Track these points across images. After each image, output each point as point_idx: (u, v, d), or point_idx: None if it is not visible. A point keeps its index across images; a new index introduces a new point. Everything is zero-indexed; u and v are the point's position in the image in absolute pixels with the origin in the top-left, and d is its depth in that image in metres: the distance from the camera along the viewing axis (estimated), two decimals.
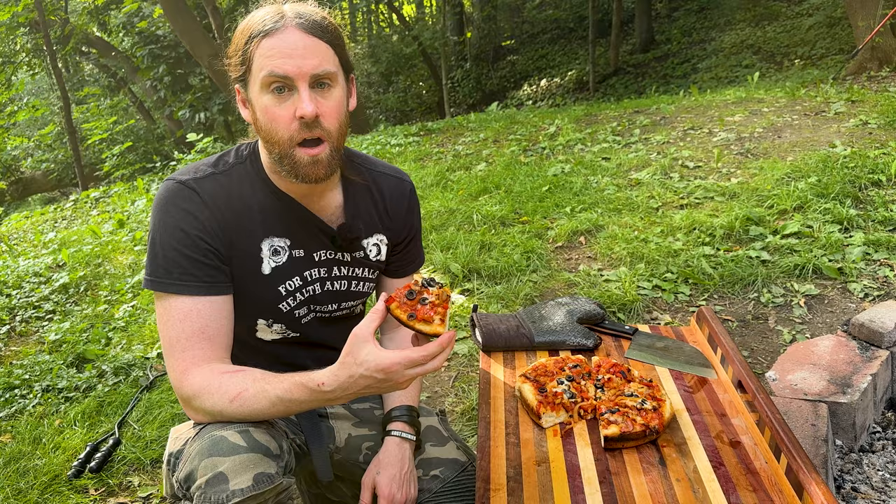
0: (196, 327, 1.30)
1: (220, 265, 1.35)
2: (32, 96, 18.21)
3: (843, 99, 6.14)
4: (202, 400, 1.27)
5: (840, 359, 2.33)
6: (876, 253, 3.36)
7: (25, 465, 2.54)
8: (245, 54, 1.29)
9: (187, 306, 1.30)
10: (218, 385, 1.27)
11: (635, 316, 3.12)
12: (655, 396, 1.49)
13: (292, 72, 1.25)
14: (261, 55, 1.27)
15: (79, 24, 12.97)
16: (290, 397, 1.23)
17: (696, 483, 1.30)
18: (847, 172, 4.19)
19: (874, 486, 2.01)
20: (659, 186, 4.68)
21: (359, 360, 1.15)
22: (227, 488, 1.18)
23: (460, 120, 8.82)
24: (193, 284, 1.31)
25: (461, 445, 1.57)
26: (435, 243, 4.12)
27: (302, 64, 1.25)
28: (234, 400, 1.25)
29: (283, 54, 1.25)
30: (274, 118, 1.28)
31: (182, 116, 12.95)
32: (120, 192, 8.36)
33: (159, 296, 1.32)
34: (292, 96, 1.27)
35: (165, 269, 1.31)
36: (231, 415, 1.26)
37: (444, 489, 1.49)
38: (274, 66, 1.25)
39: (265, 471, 1.21)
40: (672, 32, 15.16)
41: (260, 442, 1.25)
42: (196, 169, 1.39)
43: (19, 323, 4.13)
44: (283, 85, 1.27)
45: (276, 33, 1.26)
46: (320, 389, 1.20)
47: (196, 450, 1.25)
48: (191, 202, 1.33)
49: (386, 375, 1.15)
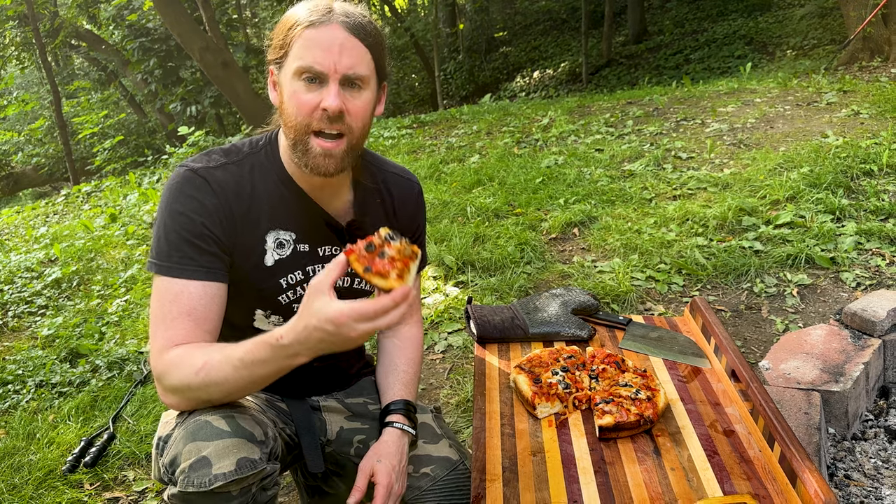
0: (184, 309, 1.31)
1: (221, 253, 1.36)
2: (22, 90, 18.06)
3: (835, 89, 6.16)
4: (171, 375, 1.27)
5: (833, 348, 2.35)
6: (868, 242, 3.37)
7: (20, 461, 2.53)
8: (286, 39, 1.32)
9: (179, 287, 1.31)
10: (186, 357, 1.26)
11: (629, 307, 3.13)
12: (649, 386, 1.49)
13: (326, 66, 1.28)
14: (300, 44, 1.29)
15: (68, 17, 12.85)
16: (252, 357, 1.21)
17: (691, 472, 1.31)
18: (839, 162, 4.20)
19: (866, 473, 2.03)
20: (652, 177, 4.68)
21: (311, 310, 1.13)
22: (210, 472, 1.19)
23: (453, 112, 8.80)
24: (190, 268, 1.32)
25: (454, 443, 1.58)
26: (429, 236, 4.12)
27: (337, 61, 1.28)
28: (199, 370, 1.24)
29: (321, 48, 1.28)
30: (299, 103, 1.30)
31: (173, 110, 12.87)
32: (112, 187, 8.32)
33: (157, 277, 1.33)
34: (322, 88, 1.29)
35: (167, 252, 1.32)
36: (198, 386, 1.25)
37: (434, 487, 1.49)
38: (310, 58, 1.28)
39: (248, 456, 1.23)
40: (664, 23, 15.14)
41: (244, 427, 1.26)
42: (209, 157, 1.41)
43: (11, 318, 4.11)
44: (315, 77, 1.29)
45: (319, 26, 1.28)
46: (279, 343, 1.18)
47: (181, 434, 1.26)
48: (200, 190, 1.35)
49: (335, 328, 1.11)
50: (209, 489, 1.20)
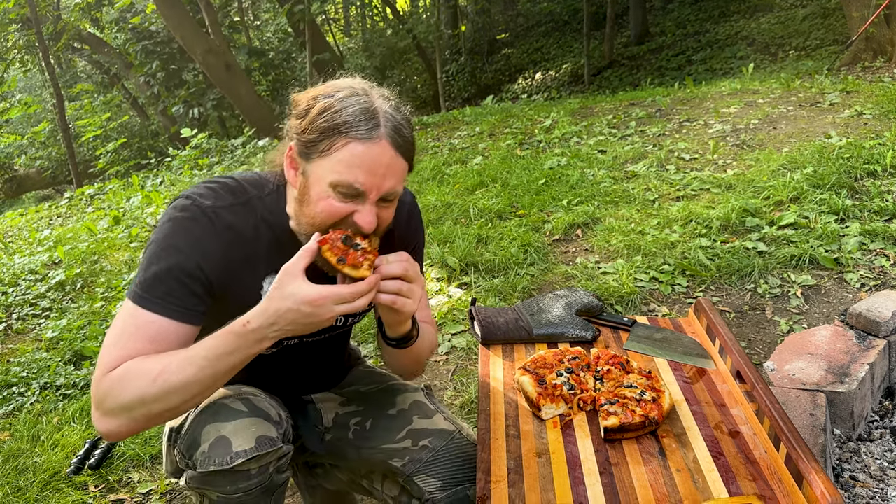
0: (146, 336, 1.24)
1: (206, 297, 1.30)
2: (25, 93, 18.10)
3: (838, 90, 6.15)
4: (118, 392, 1.19)
5: (838, 348, 2.34)
6: (872, 243, 3.36)
7: (24, 463, 2.53)
8: (323, 138, 1.22)
9: (149, 319, 1.25)
10: (139, 368, 1.20)
11: (633, 308, 3.13)
12: (654, 387, 1.49)
13: (369, 188, 1.23)
14: (344, 158, 1.21)
15: (71, 21, 12.88)
16: (217, 352, 1.18)
17: (696, 473, 1.30)
18: (843, 163, 4.19)
19: (872, 474, 2.02)
20: (655, 178, 4.68)
21: (286, 293, 1.16)
22: (231, 450, 1.22)
23: (456, 114, 8.80)
24: (170, 306, 1.26)
25: (448, 416, 1.56)
26: (432, 237, 4.12)
27: (381, 184, 1.24)
28: (157, 378, 1.18)
29: (366, 169, 1.21)
30: (331, 211, 1.24)
31: (176, 112, 12.91)
32: (115, 189, 8.34)
33: (131, 304, 1.27)
34: (356, 201, 1.24)
35: (151, 284, 1.26)
36: (154, 397, 1.18)
37: (434, 458, 1.48)
38: (352, 177, 1.21)
39: (266, 434, 1.25)
40: (666, 24, 15.14)
41: (260, 408, 1.28)
42: (216, 195, 1.34)
43: (16, 321, 4.12)
44: (353, 193, 1.23)
45: (368, 142, 1.21)
46: (246, 329, 1.17)
47: (197, 420, 1.27)
48: (205, 230, 1.29)
49: (313, 309, 1.15)
50: (230, 467, 1.22)
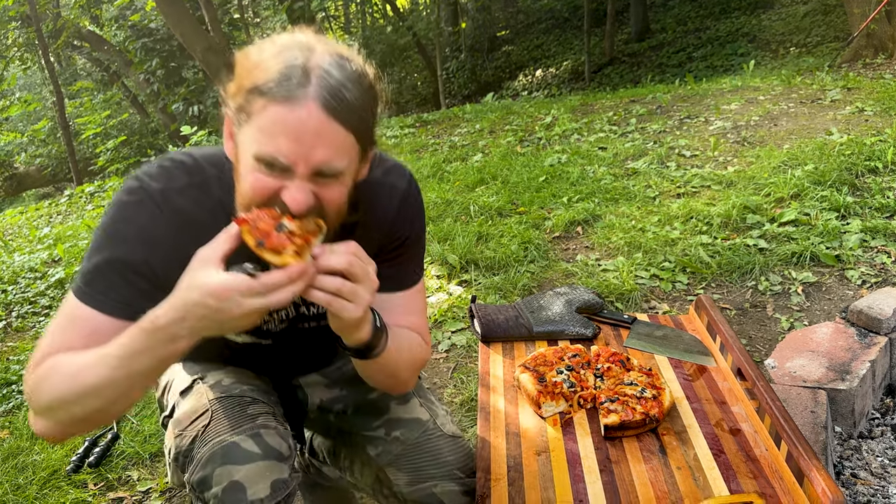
0: (84, 333, 1.15)
1: (152, 290, 1.14)
2: (25, 91, 18.09)
3: (839, 86, 6.13)
4: (43, 389, 1.11)
5: (839, 345, 2.33)
6: (873, 240, 3.36)
7: (24, 461, 2.53)
8: (245, 103, 1.04)
9: (88, 315, 1.15)
10: (63, 363, 1.11)
11: (633, 305, 3.12)
12: (655, 385, 1.48)
13: (293, 160, 1.02)
14: (262, 123, 1.02)
15: (71, 18, 12.87)
16: (127, 350, 1.05)
17: (697, 471, 1.30)
18: (844, 160, 4.18)
19: (873, 471, 2.02)
20: (656, 175, 4.67)
21: (193, 283, 1.00)
22: (245, 497, 1.17)
23: (456, 111, 8.79)
24: (110, 301, 1.16)
25: (424, 402, 1.49)
26: (432, 235, 4.11)
27: (309, 155, 1.02)
28: (76, 376, 1.08)
29: (288, 137, 1.01)
30: (257, 188, 1.06)
31: (176, 110, 12.88)
32: (115, 187, 8.32)
33: (72, 297, 1.19)
34: (285, 176, 1.05)
35: (91, 276, 1.17)
36: (74, 398, 1.08)
37: (406, 452, 1.43)
38: (272, 147, 1.02)
39: (280, 476, 1.21)
40: (667, 21, 15.12)
41: (272, 447, 1.22)
42: (169, 175, 1.20)
43: (15, 318, 4.11)
44: (278, 167, 1.04)
45: (289, 103, 1.00)
46: (154, 325, 1.02)
47: (207, 456, 1.20)
48: (152, 218, 1.17)
49: (218, 303, 0.98)
50: None
